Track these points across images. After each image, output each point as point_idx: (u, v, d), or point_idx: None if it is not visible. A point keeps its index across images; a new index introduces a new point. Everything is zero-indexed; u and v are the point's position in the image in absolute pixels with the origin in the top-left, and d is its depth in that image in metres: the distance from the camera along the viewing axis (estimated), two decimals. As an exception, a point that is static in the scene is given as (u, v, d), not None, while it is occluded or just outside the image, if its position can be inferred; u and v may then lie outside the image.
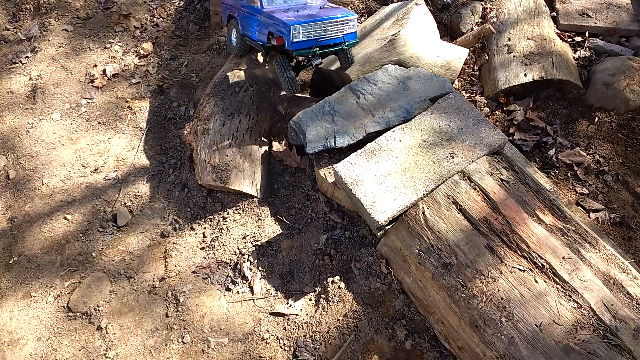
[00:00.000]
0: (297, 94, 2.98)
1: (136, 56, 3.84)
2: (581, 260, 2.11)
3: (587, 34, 3.46)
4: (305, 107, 3.03)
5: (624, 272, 2.09)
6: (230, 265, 2.75)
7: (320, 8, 2.85)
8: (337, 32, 2.72)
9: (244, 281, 2.68)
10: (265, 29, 2.78)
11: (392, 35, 3.01)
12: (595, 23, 3.46)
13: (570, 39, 3.45)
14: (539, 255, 2.14)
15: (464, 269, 2.22)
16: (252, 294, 2.65)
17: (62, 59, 3.78)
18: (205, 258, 2.80)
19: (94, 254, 2.88)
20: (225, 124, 3.05)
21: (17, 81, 3.69)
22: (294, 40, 2.58)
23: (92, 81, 3.66)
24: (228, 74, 3.26)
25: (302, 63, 2.98)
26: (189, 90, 3.64)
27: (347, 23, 2.74)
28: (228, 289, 2.68)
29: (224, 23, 3.42)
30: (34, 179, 3.19)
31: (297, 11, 2.75)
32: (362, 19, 3.61)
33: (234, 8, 3.15)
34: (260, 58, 3.26)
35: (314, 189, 3.03)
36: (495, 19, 3.48)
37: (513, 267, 2.15)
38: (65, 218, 3.02)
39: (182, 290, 2.68)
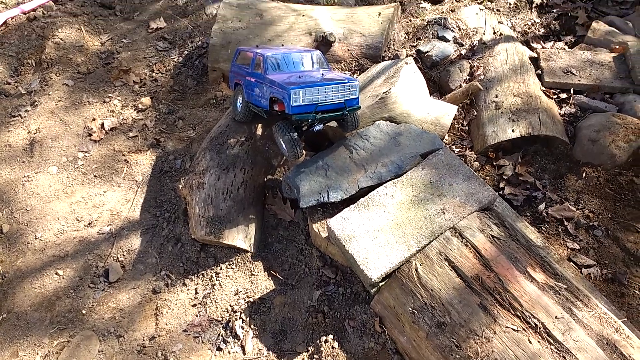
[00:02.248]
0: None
1: (134, 110, 3.93)
2: (574, 319, 2.11)
3: (571, 91, 3.57)
4: (299, 162, 3.09)
5: (617, 332, 2.09)
6: (222, 323, 2.72)
7: (323, 75, 2.88)
8: (338, 97, 2.71)
9: (236, 340, 2.64)
10: (267, 94, 2.81)
11: (383, 92, 3.11)
12: (579, 80, 3.58)
13: (556, 96, 3.57)
14: (532, 315, 2.14)
15: (458, 329, 2.21)
16: (244, 354, 2.60)
17: (62, 112, 3.85)
18: (196, 316, 2.77)
19: (84, 311, 2.84)
20: (220, 178, 3.09)
21: (15, 134, 3.75)
22: (294, 104, 2.59)
23: (90, 135, 3.72)
24: (225, 128, 3.33)
25: (303, 129, 2.95)
26: (186, 143, 3.70)
27: (349, 89, 2.73)
28: (219, 349, 2.63)
29: (231, 89, 3.50)
30: (27, 233, 3.18)
31: (300, 77, 2.79)
32: (355, 75, 3.72)
33: (240, 75, 3.23)
34: (260, 130, 3.31)
35: (307, 243, 3.04)
36: (482, 77, 3.60)
37: (507, 327, 2.14)
38: (56, 273, 3.00)
39: (172, 350, 2.63)
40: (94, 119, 3.82)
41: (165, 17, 4.78)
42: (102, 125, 3.79)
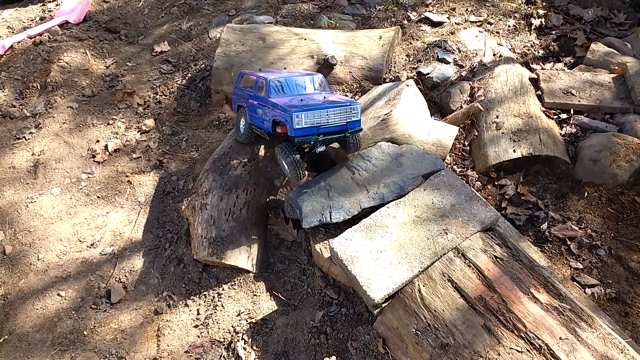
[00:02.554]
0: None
1: (138, 132, 3.96)
2: (578, 340, 2.09)
3: (571, 111, 3.61)
4: (301, 183, 3.11)
5: (621, 352, 2.07)
6: (224, 344, 2.70)
7: (325, 97, 2.91)
8: (340, 120, 2.75)
9: (238, 362, 2.63)
10: (270, 117, 2.85)
11: (385, 114, 3.14)
12: (579, 101, 3.62)
13: (556, 116, 3.60)
14: (536, 336, 2.12)
15: (462, 350, 2.19)
16: (246, 375, 2.59)
17: (66, 134, 3.89)
18: (198, 337, 2.75)
19: (85, 333, 2.82)
20: (223, 199, 3.10)
21: (19, 156, 3.78)
22: (296, 127, 2.62)
23: (94, 156, 3.75)
24: (227, 150, 3.36)
25: (306, 150, 2.99)
26: (189, 164, 3.72)
27: (351, 111, 2.77)
28: (221, 370, 2.62)
29: (234, 111, 3.52)
30: (30, 254, 3.19)
31: (302, 100, 2.82)
32: (356, 97, 3.77)
33: (243, 98, 3.26)
34: (262, 152, 3.33)
35: (310, 263, 3.04)
36: (482, 97, 3.64)
37: (511, 349, 2.12)
38: (58, 294, 2.99)
39: (174, 372, 2.62)
40: (97, 141, 3.86)
41: (169, 40, 4.86)
42: (106, 147, 3.83)
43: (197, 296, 2.93)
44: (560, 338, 2.11)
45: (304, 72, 3.35)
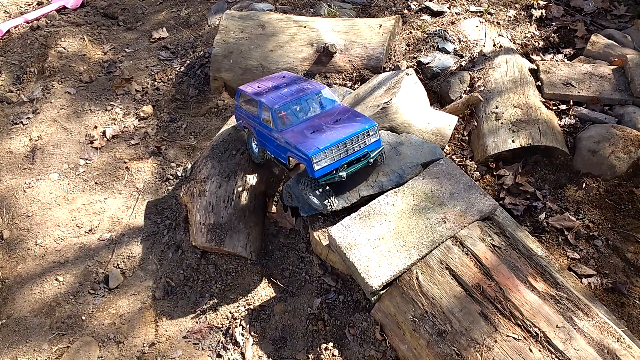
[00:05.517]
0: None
1: (136, 118, 3.95)
2: (575, 329, 2.11)
3: (571, 103, 3.61)
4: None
5: (617, 341, 2.09)
6: (222, 330, 2.71)
7: (337, 119, 2.71)
8: (359, 146, 2.61)
9: (236, 347, 2.64)
10: (284, 153, 2.69)
11: (384, 103, 3.14)
12: (578, 92, 3.62)
13: (555, 107, 3.60)
14: (532, 324, 2.14)
15: (459, 337, 2.21)
16: (244, 360, 2.60)
17: (63, 120, 3.87)
18: (196, 322, 2.76)
19: (83, 317, 2.83)
20: (221, 185, 3.10)
21: (17, 141, 3.76)
22: (317, 168, 2.49)
23: (92, 142, 3.74)
24: (226, 137, 3.35)
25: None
26: (187, 151, 3.72)
27: (369, 135, 2.62)
28: (219, 356, 2.62)
29: (238, 127, 3.25)
30: (27, 239, 3.18)
31: (314, 131, 2.62)
32: (355, 86, 3.76)
33: (248, 120, 2.98)
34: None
35: (308, 250, 3.05)
36: (482, 88, 3.63)
37: (508, 336, 2.14)
38: (56, 279, 2.99)
39: (171, 357, 2.62)
40: (95, 127, 3.85)
41: (168, 27, 4.83)
42: (104, 133, 3.81)
43: (196, 282, 2.94)
44: (557, 326, 2.12)
45: (306, 82, 3.00)
